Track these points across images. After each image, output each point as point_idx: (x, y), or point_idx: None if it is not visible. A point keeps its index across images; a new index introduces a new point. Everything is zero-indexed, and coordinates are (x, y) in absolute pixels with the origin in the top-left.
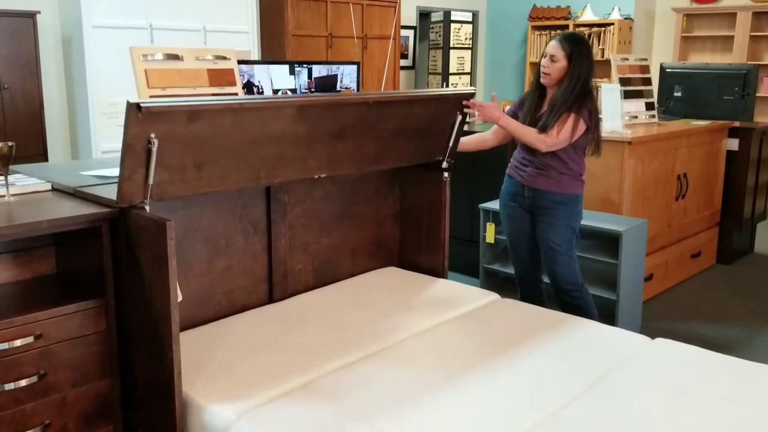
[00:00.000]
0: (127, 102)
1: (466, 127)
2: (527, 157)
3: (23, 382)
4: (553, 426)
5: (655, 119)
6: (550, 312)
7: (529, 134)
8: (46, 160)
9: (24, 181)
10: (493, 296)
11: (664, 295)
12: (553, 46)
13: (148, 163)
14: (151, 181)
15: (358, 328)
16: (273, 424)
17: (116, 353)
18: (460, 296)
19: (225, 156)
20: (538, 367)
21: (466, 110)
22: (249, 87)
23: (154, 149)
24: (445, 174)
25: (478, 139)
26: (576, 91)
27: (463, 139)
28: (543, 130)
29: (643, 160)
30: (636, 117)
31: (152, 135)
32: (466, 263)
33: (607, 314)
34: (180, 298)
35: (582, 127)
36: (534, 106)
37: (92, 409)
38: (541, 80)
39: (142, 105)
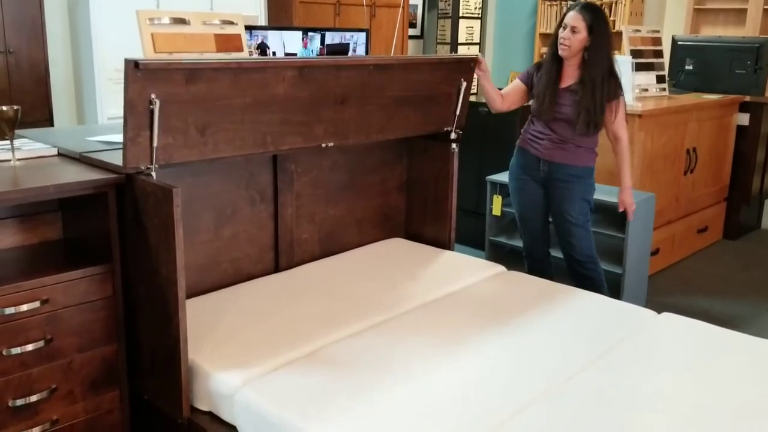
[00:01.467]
0: (125, 59)
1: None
2: (543, 130)
3: (30, 347)
4: (556, 398)
5: (666, 92)
6: (556, 285)
7: (628, 158)
8: (52, 125)
9: (30, 145)
10: (500, 268)
11: (670, 270)
12: (573, 17)
13: (152, 124)
14: (155, 143)
15: (364, 299)
16: (278, 392)
17: (122, 319)
18: (466, 268)
19: (228, 119)
20: (543, 339)
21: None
22: (263, 49)
23: (156, 110)
24: (453, 145)
25: (496, 95)
26: (609, 67)
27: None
28: (594, 125)
29: (652, 134)
30: (646, 90)
31: (153, 95)
32: (472, 236)
33: (613, 288)
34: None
35: (624, 104)
36: (553, 80)
37: (98, 375)
38: (560, 52)
39: (139, 62)
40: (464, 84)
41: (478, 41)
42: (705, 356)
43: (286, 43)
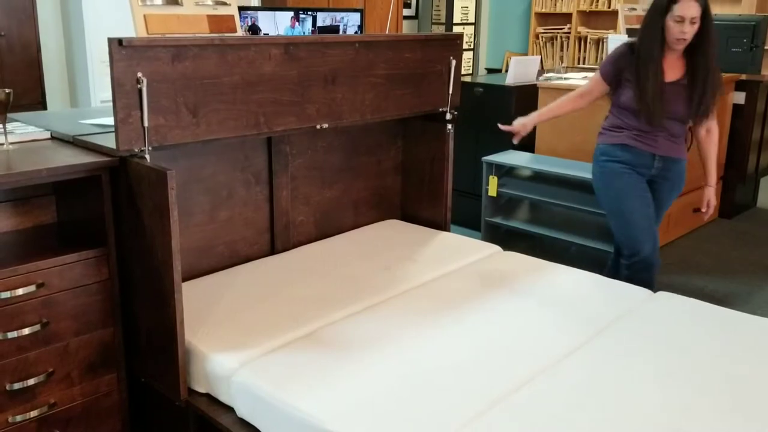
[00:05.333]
0: (109, 38)
1: None
2: (647, 127)
3: (26, 331)
4: (552, 377)
5: None
6: (552, 264)
7: (716, 153)
8: (45, 108)
9: (22, 129)
10: (495, 248)
11: (666, 249)
12: (692, 7)
13: (141, 104)
14: (146, 123)
15: (360, 280)
16: (275, 373)
17: (118, 302)
18: (462, 249)
19: (219, 99)
20: (538, 318)
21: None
22: (254, 31)
23: (144, 88)
24: (449, 126)
25: (567, 104)
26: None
27: (559, 104)
28: (705, 111)
29: None
30: None
31: (139, 74)
32: (468, 216)
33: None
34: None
35: None
36: (660, 79)
37: (95, 358)
38: (676, 46)
39: (124, 40)
40: (453, 62)
41: (474, 21)
42: (701, 335)
43: (278, 25)
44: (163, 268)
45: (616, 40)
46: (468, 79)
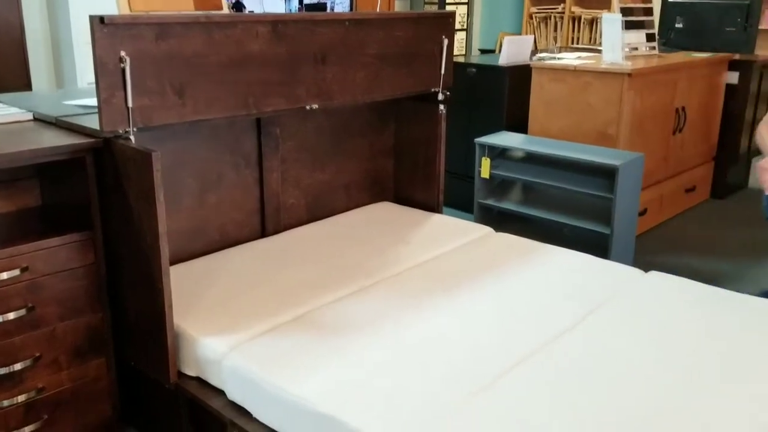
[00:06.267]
0: (90, 16)
1: None
2: None
3: (11, 315)
4: (545, 357)
5: (656, 51)
6: (543, 245)
7: None
8: (30, 90)
9: (4, 110)
10: (487, 230)
11: (658, 229)
12: None
13: (125, 84)
14: (130, 104)
15: (352, 263)
16: (266, 356)
17: (105, 287)
18: (454, 231)
19: (205, 79)
20: (531, 299)
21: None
22: (239, 8)
23: (127, 68)
24: (441, 107)
25: None
26: None
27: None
28: None
29: (642, 93)
30: (636, 49)
31: (122, 53)
32: (460, 199)
33: (601, 248)
34: None
35: None
36: None
37: (83, 342)
38: None
39: (105, 18)
40: (446, 41)
41: (467, 0)
42: (691, 314)
43: (264, 3)
44: (150, 251)
45: (610, 19)
46: (461, 59)
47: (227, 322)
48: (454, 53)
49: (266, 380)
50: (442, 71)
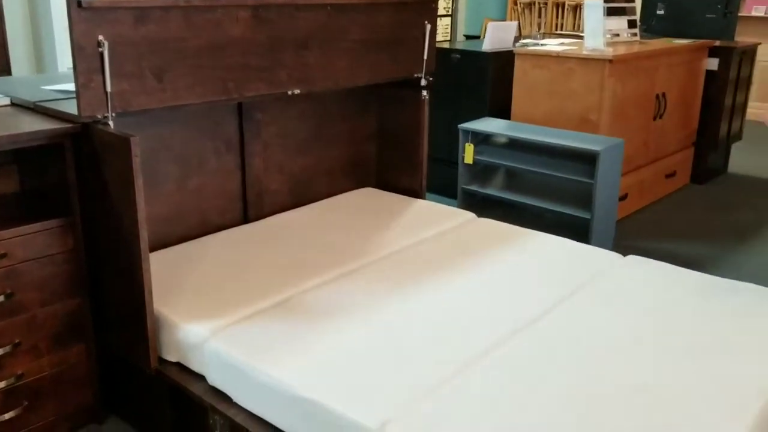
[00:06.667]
0: (67, 0)
1: None
2: None
3: None
4: (522, 340)
5: (637, 37)
6: (525, 230)
7: None
8: (10, 75)
9: None
10: (470, 215)
11: (638, 215)
12: None
13: (103, 68)
14: (109, 88)
15: (335, 248)
16: (247, 340)
17: (85, 272)
18: (437, 216)
19: (185, 64)
20: (510, 283)
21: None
22: None
23: (106, 52)
24: (424, 92)
25: None
26: None
27: None
28: None
29: (623, 79)
30: (618, 35)
31: (100, 37)
32: (444, 184)
33: (581, 233)
34: None
35: None
36: None
37: (63, 329)
38: None
39: (83, 1)
40: (428, 27)
41: None
42: (668, 296)
43: None
44: (129, 237)
45: (592, 6)
46: (446, 45)
47: (208, 308)
48: (439, 39)
49: (247, 364)
50: (425, 57)
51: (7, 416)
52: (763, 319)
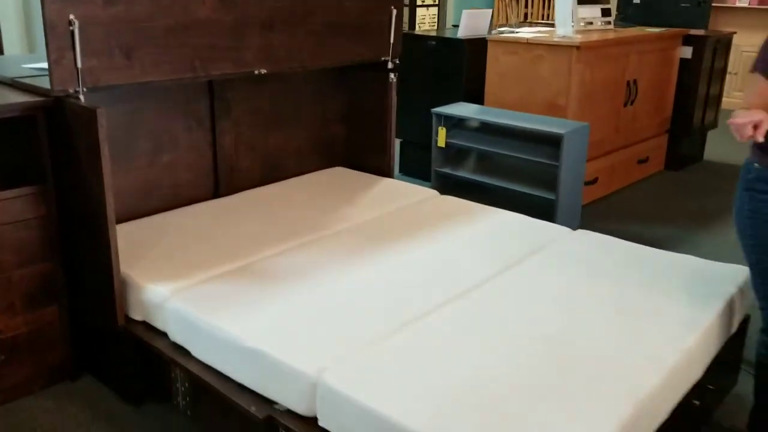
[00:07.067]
0: None
1: None
2: None
3: None
4: (458, 303)
5: (611, 26)
6: (484, 207)
7: None
8: (2, 55)
9: None
10: (432, 192)
11: (608, 198)
12: None
13: (74, 46)
14: (79, 64)
15: (298, 220)
16: (205, 300)
17: (58, 237)
18: (401, 193)
19: (152, 42)
20: (459, 253)
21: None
22: None
23: (77, 31)
24: (391, 75)
25: None
26: None
27: None
28: None
29: (592, 66)
30: (591, 23)
31: (71, 16)
32: (420, 168)
33: (546, 214)
34: None
35: None
36: None
37: (37, 290)
38: None
39: None
40: (395, 12)
41: None
42: (607, 266)
43: None
44: (96, 203)
45: None
46: (420, 31)
47: (172, 271)
48: (426, 28)
49: (203, 320)
50: (392, 41)
51: None
52: (690, 285)
